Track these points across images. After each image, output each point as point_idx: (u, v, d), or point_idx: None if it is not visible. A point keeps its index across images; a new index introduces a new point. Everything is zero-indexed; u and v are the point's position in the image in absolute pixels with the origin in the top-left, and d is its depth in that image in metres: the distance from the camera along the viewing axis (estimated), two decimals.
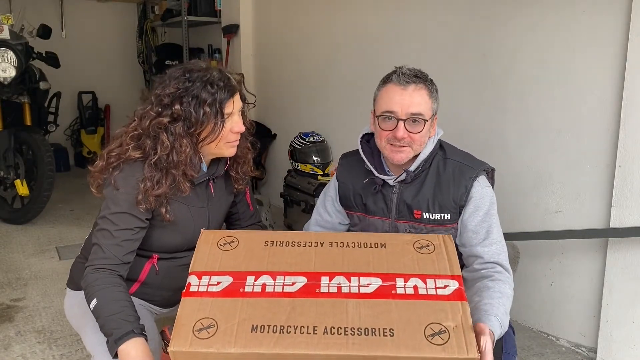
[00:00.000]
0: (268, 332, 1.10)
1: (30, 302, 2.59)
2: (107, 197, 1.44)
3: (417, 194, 1.54)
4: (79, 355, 2.13)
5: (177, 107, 1.40)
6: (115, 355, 1.27)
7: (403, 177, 1.54)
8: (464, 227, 1.52)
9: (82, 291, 1.54)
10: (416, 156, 1.53)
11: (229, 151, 1.52)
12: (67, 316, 1.67)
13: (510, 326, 1.44)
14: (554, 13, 2.14)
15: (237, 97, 1.48)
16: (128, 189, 1.42)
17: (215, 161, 1.57)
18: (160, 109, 1.42)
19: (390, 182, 1.56)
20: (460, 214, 1.53)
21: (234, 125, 1.48)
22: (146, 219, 1.45)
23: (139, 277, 1.55)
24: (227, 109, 1.44)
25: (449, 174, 1.53)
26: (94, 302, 1.33)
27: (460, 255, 1.56)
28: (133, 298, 1.43)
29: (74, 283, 1.62)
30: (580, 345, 2.21)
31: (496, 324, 1.30)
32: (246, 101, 1.56)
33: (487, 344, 1.15)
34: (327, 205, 1.73)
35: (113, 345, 1.26)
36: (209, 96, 1.41)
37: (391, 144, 1.49)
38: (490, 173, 1.60)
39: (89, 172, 1.50)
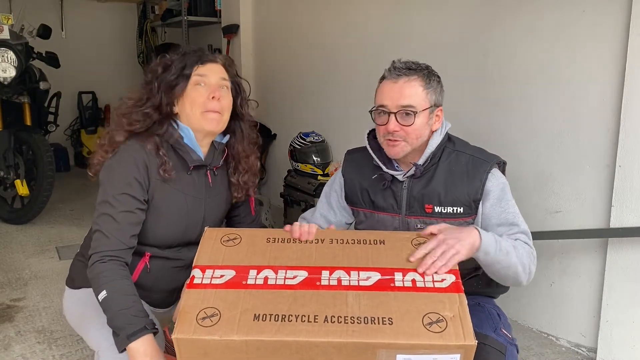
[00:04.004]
0: (270, 320, 1.13)
1: (30, 302, 2.59)
2: (102, 181, 1.45)
3: (427, 188, 1.51)
4: (79, 355, 2.13)
5: (160, 68, 1.51)
6: (123, 350, 1.27)
7: (412, 171, 1.52)
8: (487, 220, 1.49)
9: (81, 290, 1.53)
10: (423, 150, 1.52)
11: (210, 124, 1.48)
12: (65, 314, 1.65)
13: (514, 345, 1.41)
14: (554, 13, 2.15)
15: (214, 67, 1.51)
16: (123, 166, 1.43)
17: (212, 149, 1.56)
18: (145, 84, 1.52)
19: (400, 178, 1.54)
20: (476, 207, 1.50)
21: (211, 90, 1.47)
22: (144, 200, 1.45)
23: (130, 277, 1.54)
24: (196, 70, 1.48)
25: (462, 167, 1.51)
26: (103, 293, 1.33)
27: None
28: None
29: (73, 281, 1.61)
30: (580, 345, 2.21)
31: (488, 233, 1.35)
32: (241, 90, 1.59)
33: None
34: (333, 202, 1.71)
35: (124, 341, 1.26)
36: (179, 58, 1.49)
37: (387, 139, 1.50)
38: (502, 166, 1.58)
39: (89, 162, 1.54)
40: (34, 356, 2.12)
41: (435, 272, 1.24)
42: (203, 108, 1.47)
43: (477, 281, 1.52)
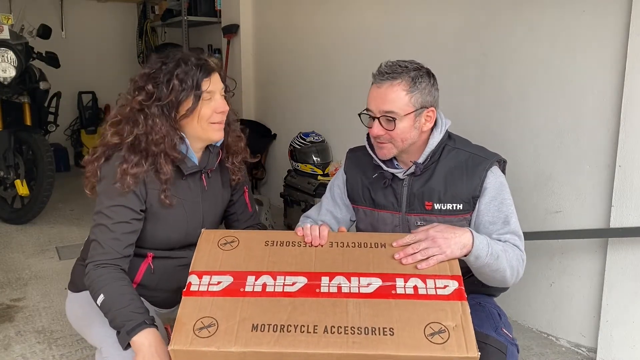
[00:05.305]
0: (268, 331, 1.11)
1: (30, 302, 2.59)
2: (99, 192, 1.46)
3: (427, 185, 1.52)
4: (79, 355, 2.13)
5: (150, 86, 1.42)
6: (127, 347, 1.28)
7: (412, 169, 1.53)
8: (481, 217, 1.50)
9: (84, 292, 1.53)
10: (423, 148, 1.52)
11: (216, 134, 1.50)
12: (68, 317, 1.66)
13: (515, 345, 1.41)
14: (554, 13, 2.14)
15: (216, 77, 1.47)
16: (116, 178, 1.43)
17: (207, 153, 1.56)
18: (135, 92, 1.44)
19: (400, 176, 1.55)
20: (474, 204, 1.51)
21: (218, 105, 1.47)
22: (141, 210, 1.45)
23: (134, 278, 1.54)
24: (205, 86, 1.44)
25: (462, 165, 1.51)
26: (100, 297, 1.33)
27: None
28: None
29: (75, 285, 1.61)
30: (580, 345, 2.21)
31: (481, 236, 1.36)
32: (228, 89, 1.56)
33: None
34: (337, 198, 1.71)
35: (125, 337, 1.27)
36: (183, 73, 1.41)
37: (376, 141, 1.53)
38: (502, 164, 1.59)
39: (83, 170, 1.51)
40: (34, 356, 2.12)
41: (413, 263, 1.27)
42: (211, 120, 1.47)
43: (477, 280, 1.52)
